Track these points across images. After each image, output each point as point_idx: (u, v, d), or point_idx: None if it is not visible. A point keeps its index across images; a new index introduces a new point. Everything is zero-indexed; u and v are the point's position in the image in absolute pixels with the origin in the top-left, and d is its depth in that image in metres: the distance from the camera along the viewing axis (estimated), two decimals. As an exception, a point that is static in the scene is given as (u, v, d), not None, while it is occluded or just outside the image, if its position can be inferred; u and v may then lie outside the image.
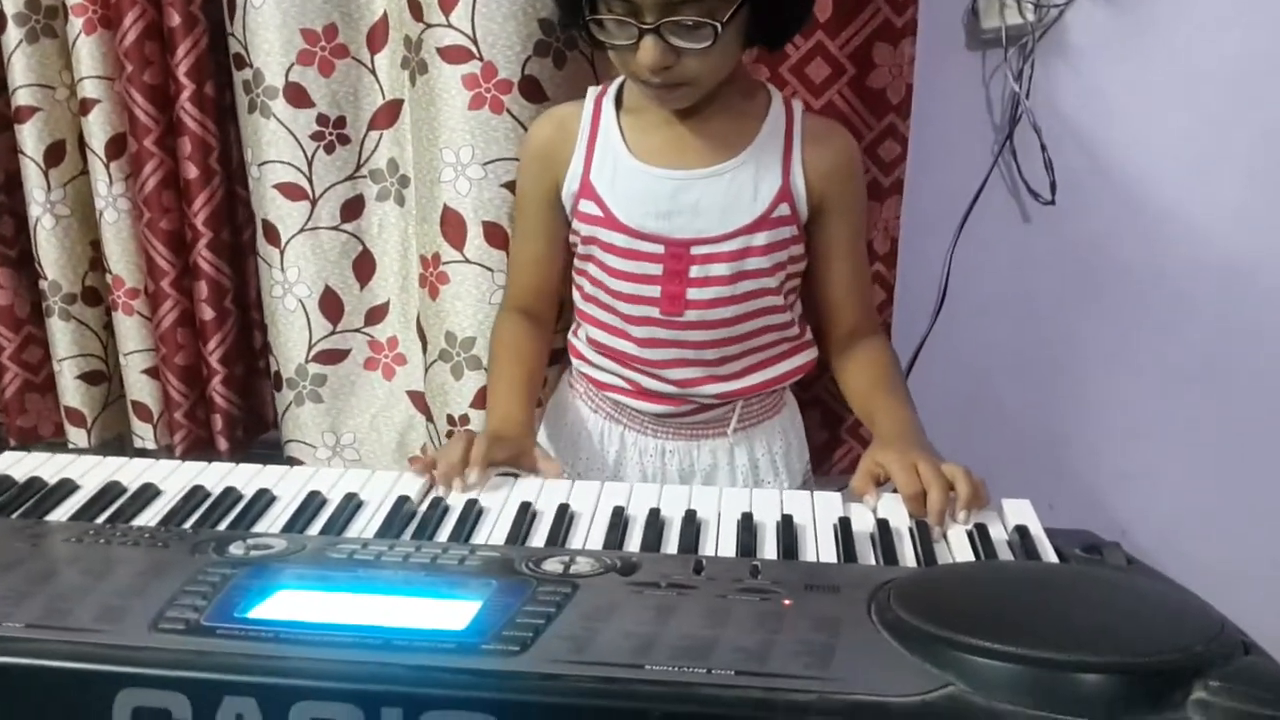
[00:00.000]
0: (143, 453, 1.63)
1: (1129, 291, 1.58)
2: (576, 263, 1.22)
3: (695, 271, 1.13)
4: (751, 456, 1.23)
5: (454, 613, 0.68)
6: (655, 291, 1.14)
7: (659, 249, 1.13)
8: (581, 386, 1.27)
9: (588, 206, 1.15)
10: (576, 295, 1.24)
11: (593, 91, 1.19)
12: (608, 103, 1.17)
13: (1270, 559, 1.68)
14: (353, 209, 1.47)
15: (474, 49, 1.28)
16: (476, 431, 1.03)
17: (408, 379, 1.54)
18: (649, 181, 1.13)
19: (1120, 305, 1.59)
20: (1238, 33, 1.44)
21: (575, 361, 1.27)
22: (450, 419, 1.42)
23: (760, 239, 1.12)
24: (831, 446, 1.51)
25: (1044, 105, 1.48)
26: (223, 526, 0.90)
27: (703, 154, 1.12)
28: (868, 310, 1.23)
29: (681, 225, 1.12)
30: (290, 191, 1.43)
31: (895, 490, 0.97)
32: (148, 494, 0.95)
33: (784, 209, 1.12)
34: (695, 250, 1.12)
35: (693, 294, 1.14)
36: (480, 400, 1.39)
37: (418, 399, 1.53)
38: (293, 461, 1.56)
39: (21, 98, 1.46)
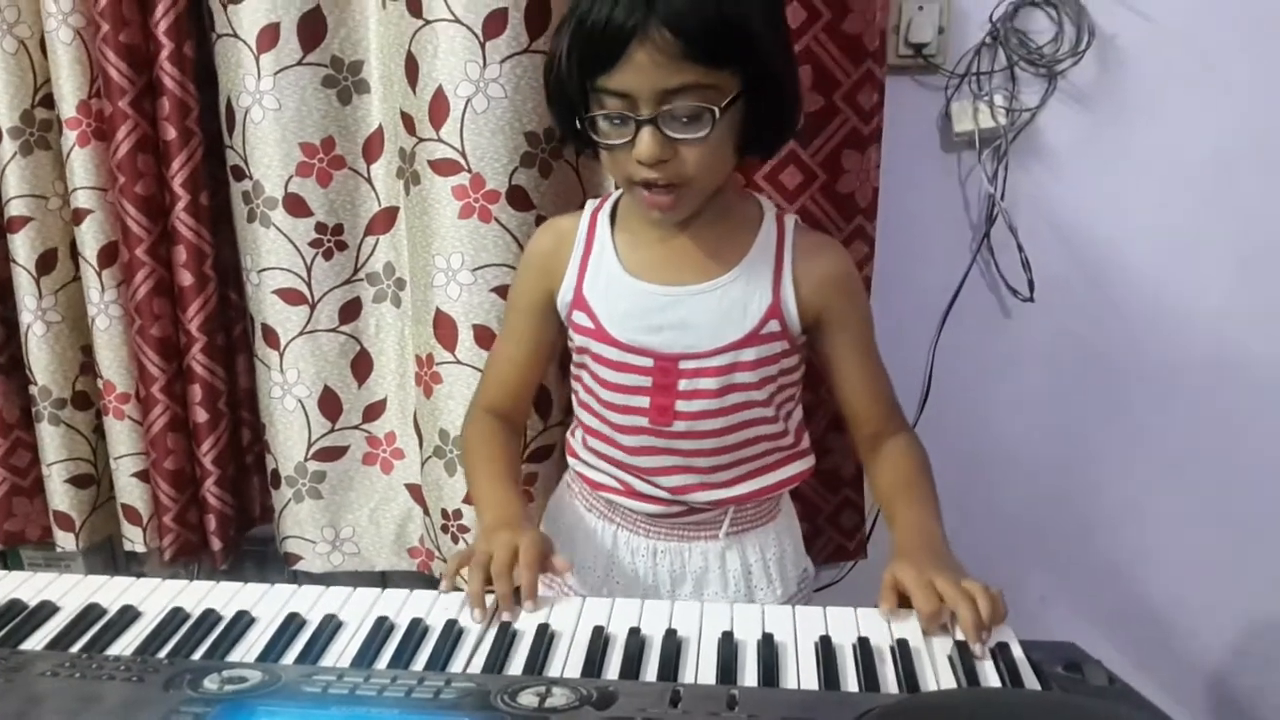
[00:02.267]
0: (132, 556, 1.63)
1: (1113, 384, 1.59)
2: (573, 368, 1.23)
3: (684, 385, 1.13)
4: (744, 561, 1.22)
5: (427, 754, 0.67)
6: (645, 402, 1.15)
7: (648, 362, 1.14)
8: (577, 486, 1.28)
9: (580, 318, 1.16)
10: (573, 399, 1.25)
11: (591, 204, 1.21)
12: (603, 217, 1.18)
13: (1264, 645, 1.67)
14: (350, 311, 1.50)
15: (463, 161, 1.31)
16: (502, 541, 1.02)
17: (406, 472, 1.56)
18: (639, 296, 1.13)
19: (1105, 398, 1.60)
20: (1208, 126, 1.47)
21: (571, 460, 1.27)
22: (445, 513, 1.45)
23: (749, 354, 1.13)
24: (811, 537, 1.50)
25: (1020, 205, 1.50)
26: (200, 652, 0.89)
27: (694, 269, 1.13)
28: (889, 411, 1.21)
29: (670, 340, 1.13)
30: (290, 296, 1.46)
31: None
32: (127, 617, 0.95)
33: (774, 325, 1.12)
34: (684, 365, 1.13)
35: (681, 405, 1.14)
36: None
37: (416, 492, 1.54)
38: (290, 558, 1.58)
39: (15, 208, 1.49)
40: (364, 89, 1.43)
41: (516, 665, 0.87)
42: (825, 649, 0.88)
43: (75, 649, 0.89)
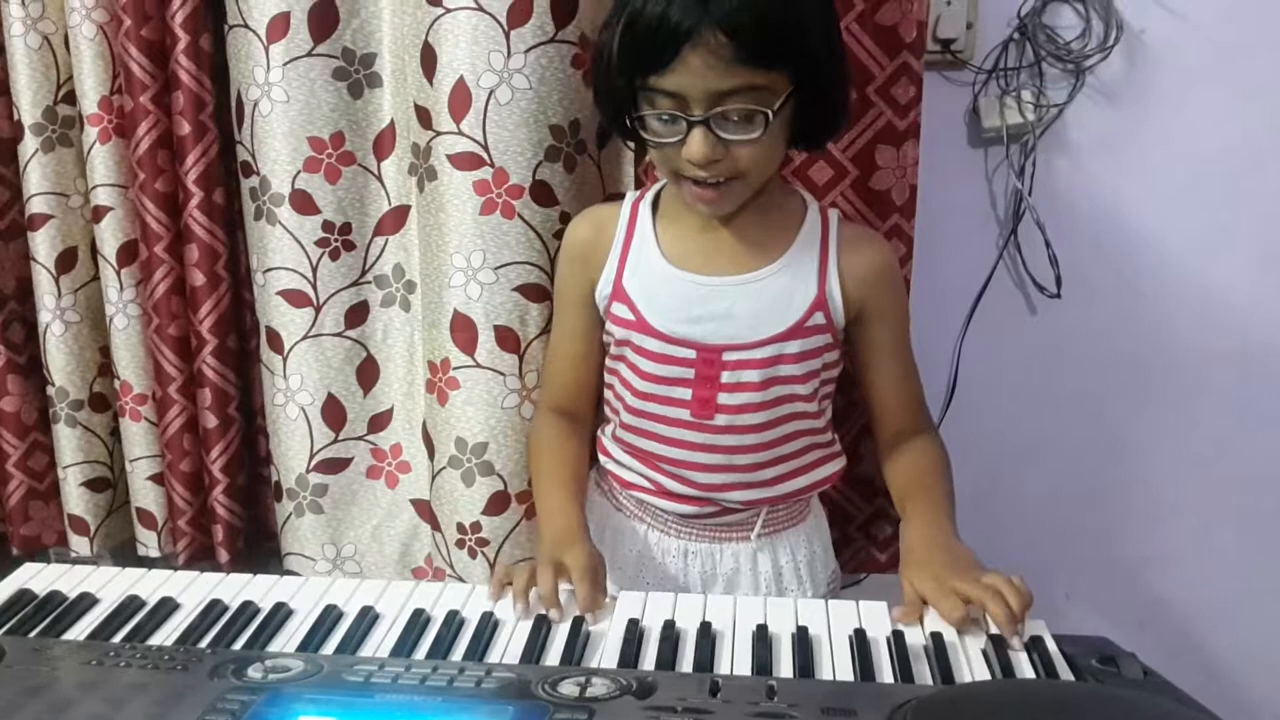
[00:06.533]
0: (147, 560, 1.61)
1: (1139, 379, 1.59)
2: (609, 362, 1.22)
3: (727, 377, 1.13)
4: (775, 563, 1.22)
5: (473, 741, 0.67)
6: (686, 394, 1.15)
7: (690, 354, 1.13)
8: (607, 484, 1.27)
9: (620, 310, 1.16)
10: (607, 393, 1.24)
11: (631, 195, 1.20)
12: (644, 207, 1.18)
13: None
14: (357, 315, 1.46)
15: (485, 155, 1.29)
16: (559, 559, 1.01)
17: (411, 487, 1.51)
18: (681, 286, 1.13)
19: (1132, 393, 1.60)
20: (1235, 122, 1.47)
21: (602, 458, 1.26)
22: (460, 527, 1.39)
23: (793, 347, 1.12)
24: (841, 545, 1.49)
25: (1047, 201, 1.50)
26: (240, 643, 0.89)
27: (737, 260, 1.13)
28: (915, 411, 1.21)
29: (713, 331, 1.12)
30: (294, 298, 1.42)
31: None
32: (166, 608, 0.95)
33: (819, 318, 1.12)
34: (727, 356, 1.13)
35: (724, 399, 1.14)
36: (492, 508, 1.37)
37: (422, 507, 1.49)
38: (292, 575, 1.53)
39: (36, 205, 1.47)
40: (376, 82, 1.40)
41: (553, 656, 0.88)
42: (860, 641, 0.88)
43: (117, 639, 0.90)
